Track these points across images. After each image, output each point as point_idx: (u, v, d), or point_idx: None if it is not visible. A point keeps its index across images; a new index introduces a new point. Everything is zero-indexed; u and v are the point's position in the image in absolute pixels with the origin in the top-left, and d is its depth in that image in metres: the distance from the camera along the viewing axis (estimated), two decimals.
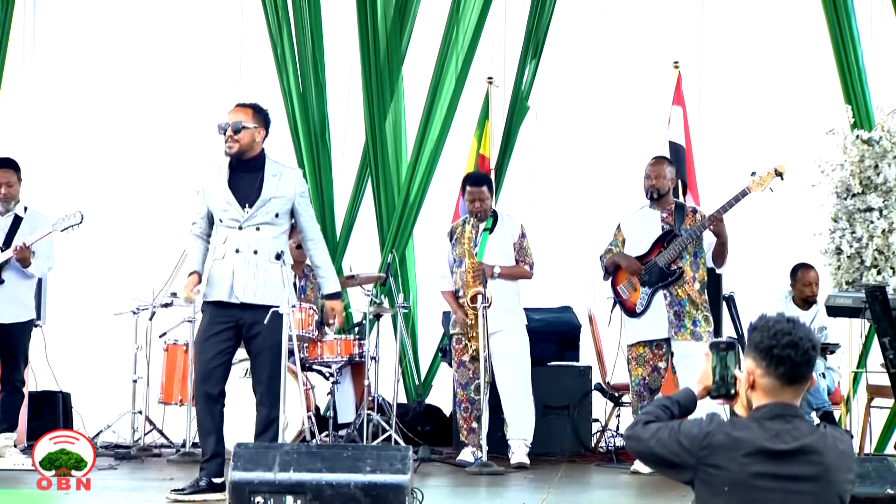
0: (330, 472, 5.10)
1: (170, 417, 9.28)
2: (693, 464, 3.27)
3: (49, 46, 10.79)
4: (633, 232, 8.19)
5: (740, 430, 3.25)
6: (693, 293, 7.94)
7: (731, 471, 3.22)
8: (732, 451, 3.22)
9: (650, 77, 10.20)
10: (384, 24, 10.28)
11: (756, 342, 3.30)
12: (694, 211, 8.18)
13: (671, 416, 3.47)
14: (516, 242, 8.41)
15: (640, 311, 8.01)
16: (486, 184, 8.46)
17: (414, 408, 9.73)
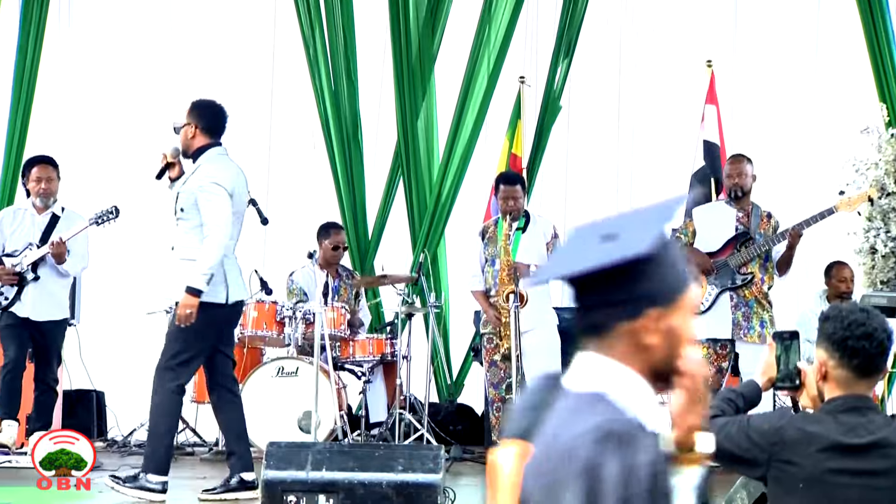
0: (362, 472, 5.11)
1: (202, 416, 9.30)
2: (765, 460, 3.19)
3: (84, 46, 10.84)
4: (705, 225, 8.04)
5: (813, 425, 3.17)
6: (760, 295, 7.88)
7: (806, 467, 3.14)
8: (806, 446, 3.14)
9: (682, 76, 10.16)
10: (416, 24, 10.28)
11: (829, 333, 3.20)
12: (769, 216, 8.04)
13: (736, 410, 3.39)
14: (549, 242, 8.40)
15: (704, 308, 7.87)
16: (520, 183, 8.44)
17: (446, 407, 9.73)
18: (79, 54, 10.81)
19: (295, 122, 10.70)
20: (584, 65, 10.29)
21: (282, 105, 10.72)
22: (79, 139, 10.49)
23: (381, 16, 10.38)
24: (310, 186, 10.59)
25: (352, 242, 10.16)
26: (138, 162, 10.63)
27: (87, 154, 10.49)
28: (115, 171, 10.57)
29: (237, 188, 6.52)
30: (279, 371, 8.48)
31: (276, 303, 8.75)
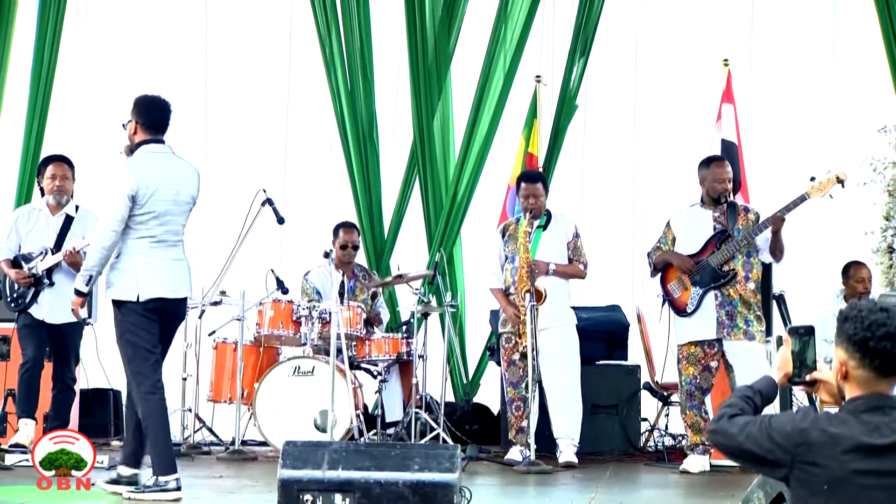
0: (378, 471, 5.11)
1: (219, 415, 9.32)
2: (788, 461, 3.17)
3: (101, 46, 10.86)
4: (684, 230, 8.14)
5: (836, 426, 3.14)
6: (746, 293, 7.90)
7: (831, 469, 3.12)
8: (830, 448, 3.12)
9: (699, 75, 10.14)
10: (432, 24, 10.28)
11: (850, 334, 3.18)
12: (746, 210, 8.11)
13: (755, 407, 3.37)
14: (570, 242, 8.40)
15: (690, 310, 7.97)
16: (542, 181, 8.45)
17: (462, 406, 9.73)
18: (96, 54, 10.84)
19: (311, 122, 10.72)
20: (600, 64, 10.28)
21: (298, 105, 10.74)
22: (95, 139, 10.51)
23: (398, 15, 10.39)
24: (326, 186, 10.60)
25: (368, 242, 10.17)
26: None
27: (103, 154, 10.50)
28: None
29: (162, 187, 6.48)
30: (295, 370, 8.49)
31: (293, 302, 8.76)
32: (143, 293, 6.40)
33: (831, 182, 7.81)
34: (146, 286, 6.41)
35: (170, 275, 6.50)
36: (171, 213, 6.51)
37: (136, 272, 6.40)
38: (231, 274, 8.86)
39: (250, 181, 9.52)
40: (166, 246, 6.49)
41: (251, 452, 8.66)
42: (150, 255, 6.44)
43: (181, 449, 8.62)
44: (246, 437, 8.90)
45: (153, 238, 6.44)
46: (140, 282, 6.41)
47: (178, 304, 6.60)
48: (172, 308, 6.56)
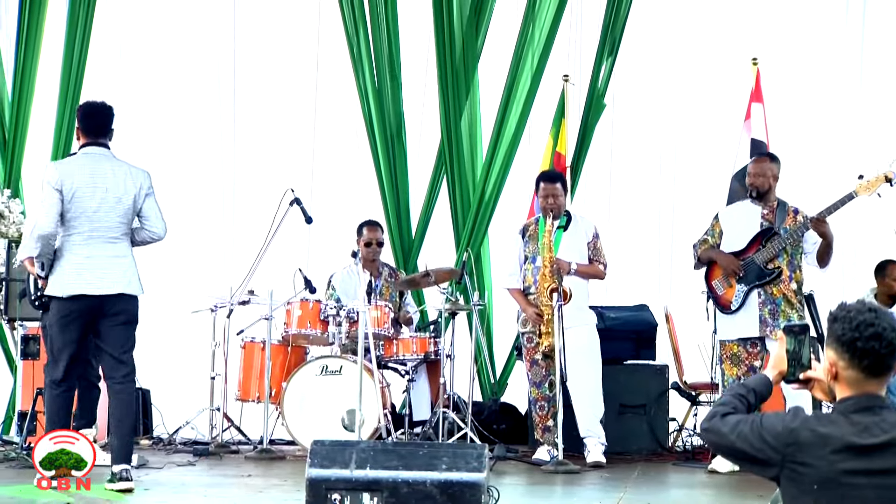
0: (406, 470, 5.11)
1: (247, 414, 9.35)
2: (778, 461, 3.19)
3: (129, 45, 10.90)
4: (731, 225, 8.09)
5: (826, 426, 3.16)
6: (789, 293, 7.86)
7: (820, 468, 3.13)
8: (820, 448, 3.13)
9: (727, 74, 10.10)
10: (460, 23, 10.28)
11: (838, 334, 3.20)
12: (796, 211, 8.03)
13: (748, 406, 3.38)
14: (591, 242, 8.40)
15: (734, 308, 7.92)
16: (560, 181, 8.45)
17: (489, 406, 9.72)
18: (124, 53, 10.87)
19: (339, 122, 10.73)
20: (628, 63, 10.25)
21: (326, 105, 10.75)
22: (123, 138, 10.53)
23: (425, 15, 10.38)
24: (353, 186, 10.61)
25: (395, 241, 10.18)
26: (182, 161, 10.72)
27: (131, 153, 10.53)
28: (160, 170, 10.59)
29: (85, 186, 6.72)
30: (323, 370, 8.51)
31: (320, 301, 8.78)
32: (67, 289, 6.68)
33: (880, 181, 7.76)
34: (69, 283, 6.69)
35: (98, 271, 6.70)
36: (101, 211, 6.72)
37: (63, 269, 6.70)
38: (259, 273, 8.89)
39: (278, 181, 9.55)
40: (100, 243, 6.72)
41: (279, 451, 8.68)
42: (79, 252, 6.69)
43: (210, 448, 8.65)
44: (274, 436, 8.91)
45: (81, 235, 6.69)
46: (65, 279, 6.70)
47: (106, 301, 6.74)
48: (101, 305, 6.73)
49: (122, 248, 6.76)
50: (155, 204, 6.89)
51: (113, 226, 6.73)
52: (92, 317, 6.76)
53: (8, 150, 10.34)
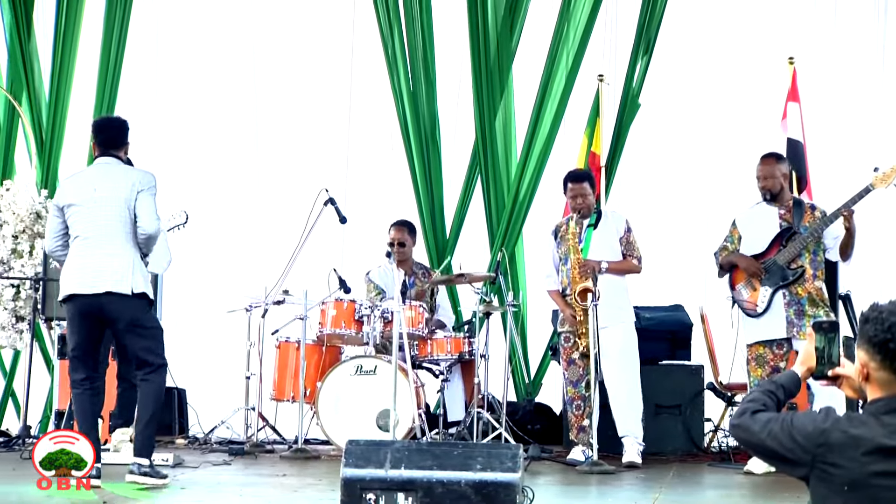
0: (441, 470, 5.11)
1: (282, 414, 9.38)
2: (808, 461, 3.18)
3: (164, 48, 10.96)
4: (749, 229, 8.08)
5: (857, 427, 3.14)
6: (813, 291, 7.83)
7: (851, 470, 3.11)
8: (851, 449, 3.12)
9: (763, 73, 10.05)
10: (495, 23, 10.27)
11: (869, 335, 3.18)
12: (812, 208, 8.02)
13: (777, 402, 3.39)
14: (622, 237, 8.37)
15: (760, 311, 7.90)
16: (587, 180, 8.41)
17: (524, 406, 9.71)
18: (159, 56, 10.93)
19: (373, 122, 10.74)
20: (663, 62, 10.21)
21: (360, 105, 10.77)
22: (159, 138, 10.61)
23: (460, 15, 10.38)
24: (388, 186, 10.63)
25: (429, 241, 10.19)
26: (217, 161, 10.77)
27: (166, 153, 10.59)
28: (195, 170, 10.67)
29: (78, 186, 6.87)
30: (358, 369, 8.52)
31: (355, 301, 8.79)
32: (64, 291, 6.80)
33: (894, 171, 7.72)
34: (63, 285, 6.81)
35: (91, 271, 6.73)
36: (91, 212, 6.78)
37: (64, 273, 6.85)
38: (294, 273, 8.91)
39: (313, 181, 9.57)
40: (93, 243, 6.76)
41: (314, 451, 8.69)
42: (76, 255, 6.79)
43: (245, 447, 8.68)
44: (309, 435, 8.93)
45: (80, 238, 6.79)
46: (64, 281, 6.82)
47: (102, 301, 6.73)
48: (99, 305, 6.74)
49: (115, 247, 6.74)
50: (148, 201, 6.78)
51: (105, 226, 6.74)
52: (96, 317, 6.77)
53: (45, 151, 10.42)
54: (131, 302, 6.72)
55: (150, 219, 6.76)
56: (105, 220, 6.76)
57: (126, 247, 6.75)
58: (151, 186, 6.83)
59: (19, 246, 9.79)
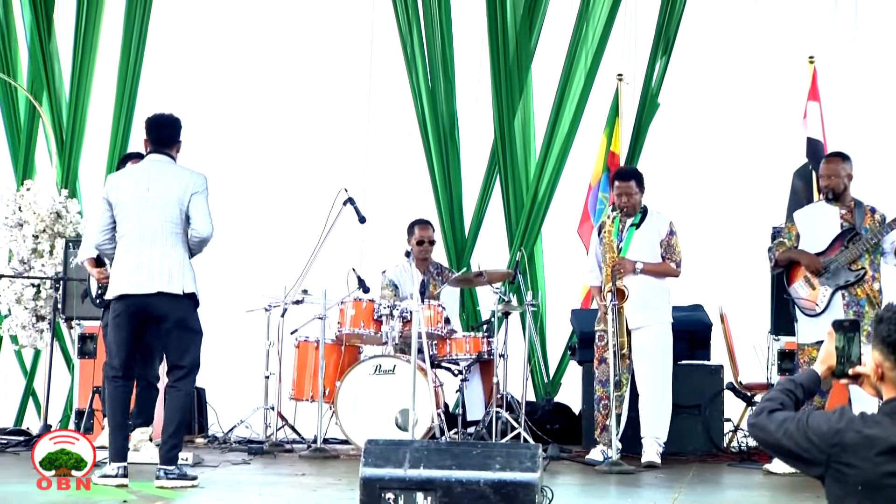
0: (459, 470, 5.11)
1: (301, 413, 9.38)
2: (823, 460, 3.18)
3: (184, 46, 10.98)
4: (808, 226, 7.96)
5: (872, 428, 3.15)
6: (871, 293, 7.76)
7: (865, 470, 3.12)
8: (865, 449, 3.12)
9: (783, 72, 10.02)
10: (514, 22, 10.27)
11: (883, 336, 3.19)
12: (872, 210, 7.90)
13: (796, 401, 3.39)
14: (664, 239, 8.30)
15: (820, 310, 7.79)
16: (635, 178, 8.34)
17: (543, 406, 9.70)
18: (178, 55, 10.95)
19: (392, 122, 10.75)
20: (682, 62, 10.19)
21: (379, 104, 10.78)
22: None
23: (479, 14, 10.39)
24: (407, 185, 10.63)
25: (448, 241, 10.19)
26: (235, 161, 10.79)
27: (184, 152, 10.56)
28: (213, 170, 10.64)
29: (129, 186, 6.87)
30: (376, 369, 8.52)
31: (374, 301, 8.79)
32: (114, 290, 6.82)
33: None
34: (114, 284, 6.84)
35: (143, 271, 6.76)
36: (143, 211, 6.80)
37: (113, 271, 6.87)
38: (313, 273, 8.92)
39: (332, 180, 9.57)
40: (146, 243, 6.77)
41: (333, 450, 8.70)
42: (125, 253, 6.80)
43: (264, 446, 8.69)
44: (328, 435, 8.94)
45: (130, 237, 6.79)
46: (114, 280, 6.85)
47: (149, 301, 6.77)
48: (146, 305, 6.78)
49: (167, 247, 6.76)
50: (202, 204, 6.83)
51: (157, 226, 6.76)
52: (142, 317, 6.80)
53: (65, 151, 10.45)
54: (181, 302, 6.79)
55: (205, 222, 6.80)
56: (158, 219, 6.78)
57: (177, 247, 6.79)
58: (205, 189, 6.87)
59: (40, 245, 9.83)
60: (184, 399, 6.84)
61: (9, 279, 9.75)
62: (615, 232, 8.21)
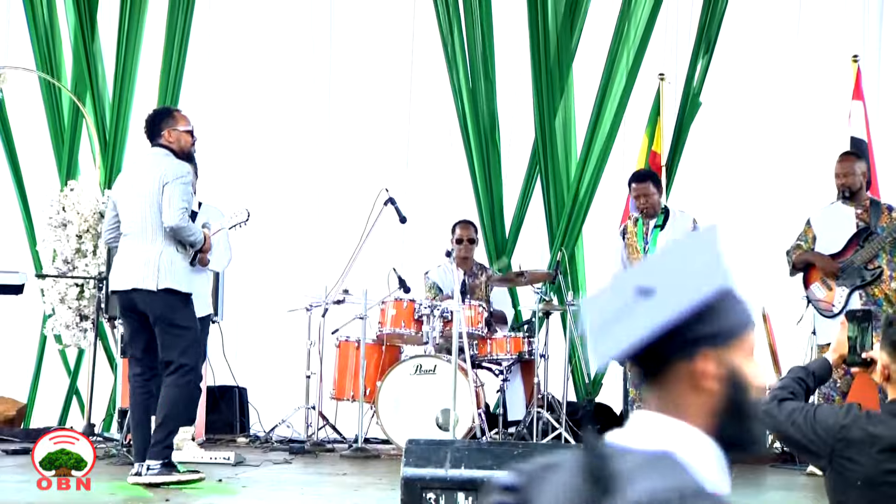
0: (501, 470, 5.10)
1: (342, 413, 9.40)
2: (827, 453, 3.24)
3: (226, 47, 11.02)
4: (824, 228, 7.95)
5: (876, 426, 3.20)
6: (890, 292, 7.72)
7: (866, 466, 3.18)
8: (868, 446, 3.18)
9: (826, 71, 9.95)
10: (555, 22, 10.25)
11: (892, 339, 3.26)
12: (890, 209, 7.89)
13: (806, 389, 3.46)
14: None
15: (837, 311, 7.78)
16: (651, 180, 8.34)
17: (584, 406, 9.68)
18: (220, 55, 10.99)
19: (433, 122, 10.75)
20: (724, 61, 10.14)
21: (420, 104, 10.78)
22: (220, 138, 10.67)
23: (520, 14, 10.37)
24: (447, 185, 10.63)
25: (489, 241, 10.18)
26: (277, 161, 10.82)
27: (227, 153, 10.66)
28: (255, 169, 10.72)
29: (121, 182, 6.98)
30: (417, 369, 8.52)
31: (415, 301, 8.80)
32: (110, 287, 6.96)
33: None
34: (110, 281, 6.95)
35: (126, 267, 6.74)
36: (129, 207, 6.79)
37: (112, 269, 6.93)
38: (354, 273, 8.94)
39: (373, 181, 9.59)
40: (131, 239, 6.78)
41: (374, 450, 8.72)
42: (120, 251, 6.85)
43: (305, 446, 8.72)
44: (368, 434, 8.96)
45: (123, 234, 6.82)
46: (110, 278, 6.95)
47: (134, 297, 6.69)
48: (130, 300, 6.73)
49: (146, 242, 6.67)
50: (171, 193, 6.61)
51: (137, 220, 6.72)
52: (136, 313, 6.75)
53: (108, 151, 10.51)
54: (158, 298, 6.61)
55: (170, 211, 6.58)
56: (138, 214, 6.72)
57: (157, 241, 6.66)
58: (179, 177, 6.67)
59: (83, 245, 9.89)
60: (173, 397, 6.63)
61: (52, 279, 9.82)
62: (640, 234, 8.20)
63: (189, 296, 6.74)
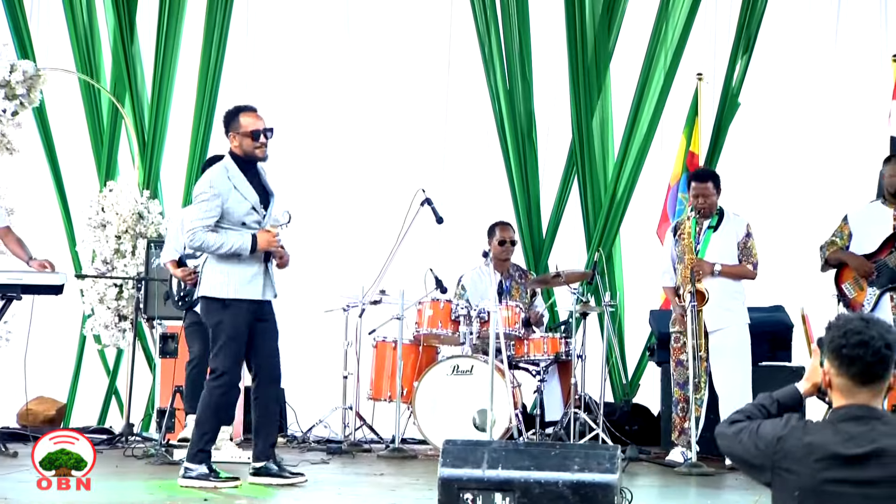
0: (538, 470, 5.10)
1: (379, 413, 9.41)
2: (769, 466, 3.25)
3: (263, 50, 11.05)
4: (861, 227, 7.91)
5: (813, 435, 3.21)
6: None
7: (803, 476, 3.18)
8: (804, 456, 3.18)
9: (865, 71, 9.89)
10: (592, 22, 10.23)
11: (828, 342, 3.26)
12: None
13: (766, 415, 3.45)
14: (741, 241, 8.23)
15: (867, 311, 7.73)
16: (712, 180, 8.28)
17: (621, 407, 9.66)
18: (259, 55, 11.02)
19: (470, 122, 10.75)
20: (763, 60, 10.09)
21: (457, 105, 10.78)
22: None
23: (557, 14, 10.35)
24: (484, 186, 10.62)
25: (526, 241, 10.16)
26: (314, 162, 10.84)
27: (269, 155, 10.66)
28: (293, 171, 10.73)
29: None
30: (454, 369, 8.53)
31: (451, 301, 8.80)
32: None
33: None
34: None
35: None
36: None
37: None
38: (390, 273, 8.95)
39: (410, 181, 9.59)
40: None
41: (411, 450, 8.73)
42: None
43: (343, 446, 8.74)
44: (406, 435, 8.96)
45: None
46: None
47: None
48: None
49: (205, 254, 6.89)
50: (189, 214, 6.94)
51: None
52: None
53: (147, 151, 10.57)
54: (202, 304, 6.92)
55: (184, 235, 6.94)
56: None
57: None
58: (197, 195, 6.79)
59: (122, 246, 9.95)
60: (204, 399, 6.78)
61: (92, 279, 9.89)
62: (692, 234, 8.15)
63: (224, 301, 6.75)
